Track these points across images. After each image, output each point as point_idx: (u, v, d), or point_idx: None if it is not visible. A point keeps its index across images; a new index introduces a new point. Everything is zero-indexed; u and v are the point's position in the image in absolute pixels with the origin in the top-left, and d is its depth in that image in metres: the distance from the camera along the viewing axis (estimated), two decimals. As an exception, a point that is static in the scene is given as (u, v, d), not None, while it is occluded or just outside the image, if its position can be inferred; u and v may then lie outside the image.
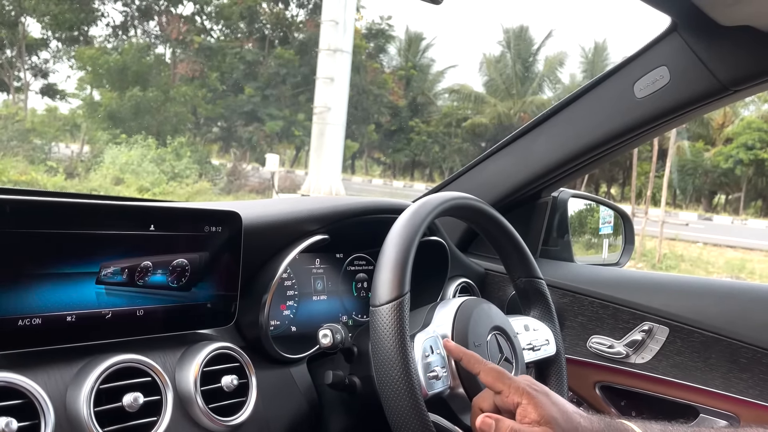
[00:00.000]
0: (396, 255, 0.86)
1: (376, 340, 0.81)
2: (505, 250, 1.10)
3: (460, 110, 29.46)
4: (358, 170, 34.27)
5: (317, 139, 12.80)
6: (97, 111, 18.68)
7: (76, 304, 0.76)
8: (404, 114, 27.75)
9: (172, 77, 20.31)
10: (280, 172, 18.32)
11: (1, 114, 14.66)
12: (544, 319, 1.14)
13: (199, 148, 18.25)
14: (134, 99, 17.92)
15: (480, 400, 0.85)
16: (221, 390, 0.87)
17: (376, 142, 27.53)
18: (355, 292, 1.30)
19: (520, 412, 0.77)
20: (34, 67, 21.94)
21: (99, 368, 0.75)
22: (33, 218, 0.72)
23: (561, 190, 1.53)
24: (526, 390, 0.78)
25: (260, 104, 20.90)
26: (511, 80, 29.72)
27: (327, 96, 12.42)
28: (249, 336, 1.02)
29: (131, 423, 0.77)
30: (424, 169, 33.35)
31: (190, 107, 20.13)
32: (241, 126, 21.78)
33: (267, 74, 21.21)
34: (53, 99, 22.45)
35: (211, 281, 0.90)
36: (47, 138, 15.63)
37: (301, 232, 1.08)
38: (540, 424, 0.75)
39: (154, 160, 13.49)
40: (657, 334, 1.26)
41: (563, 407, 0.78)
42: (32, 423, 0.69)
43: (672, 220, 13.71)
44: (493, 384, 0.81)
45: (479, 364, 0.84)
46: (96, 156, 14.76)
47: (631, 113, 1.21)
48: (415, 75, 29.40)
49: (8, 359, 0.72)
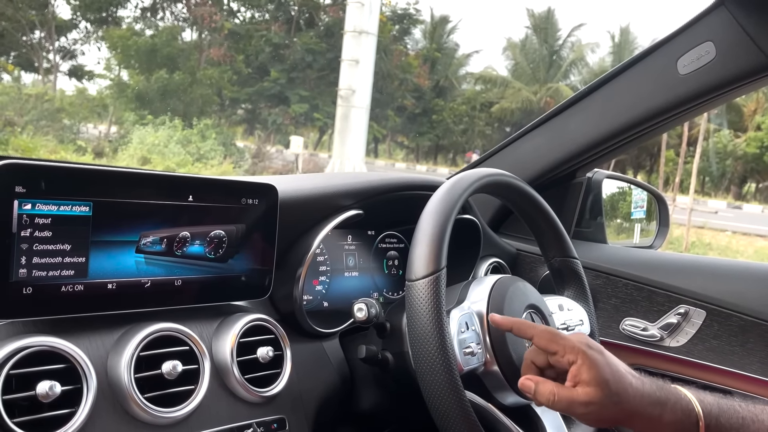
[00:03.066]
0: (433, 229, 0.85)
1: (412, 315, 0.81)
2: (540, 228, 1.09)
3: (484, 94, 29.17)
4: (382, 154, 34.22)
5: (341, 121, 12.80)
6: (125, 92, 18.87)
7: (116, 272, 0.77)
8: (428, 97, 27.57)
9: (199, 60, 20.40)
10: (303, 154, 18.39)
11: (31, 93, 14.86)
12: (579, 299, 1.12)
13: (224, 130, 18.35)
14: (161, 81, 18.07)
15: (532, 355, 0.84)
16: (257, 361, 0.88)
17: (399, 125, 27.40)
18: (386, 269, 1.29)
19: (572, 371, 0.76)
20: (63, 48, 22.21)
21: (139, 335, 0.76)
22: (77, 186, 0.72)
23: (595, 170, 1.51)
24: (581, 349, 0.77)
25: (286, 86, 20.93)
26: (537, 65, 29.33)
27: (352, 78, 12.39)
28: (283, 309, 1.02)
29: (170, 390, 0.77)
30: (447, 153, 33.20)
31: (215, 89, 20.23)
32: (266, 108, 21.86)
33: (293, 57, 21.21)
34: (80, 80, 22.72)
35: (248, 253, 0.90)
36: (76, 118, 15.84)
37: (336, 207, 1.07)
38: (589, 386, 0.74)
39: (180, 141, 13.60)
40: (693, 317, 1.23)
41: (616, 367, 0.76)
42: (75, 387, 0.70)
43: (700, 208, 13.48)
44: (547, 346, 0.80)
45: (531, 329, 0.83)
46: (123, 136, 14.94)
47: (674, 90, 1.18)
48: (440, 58, 29.15)
49: (51, 325, 0.73)
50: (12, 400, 0.65)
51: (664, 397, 0.76)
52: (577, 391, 0.75)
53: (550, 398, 0.76)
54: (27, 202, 0.68)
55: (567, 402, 0.75)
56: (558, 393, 0.76)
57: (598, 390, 0.74)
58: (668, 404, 0.75)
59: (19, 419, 0.65)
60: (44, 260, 0.70)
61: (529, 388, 0.79)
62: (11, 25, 19.26)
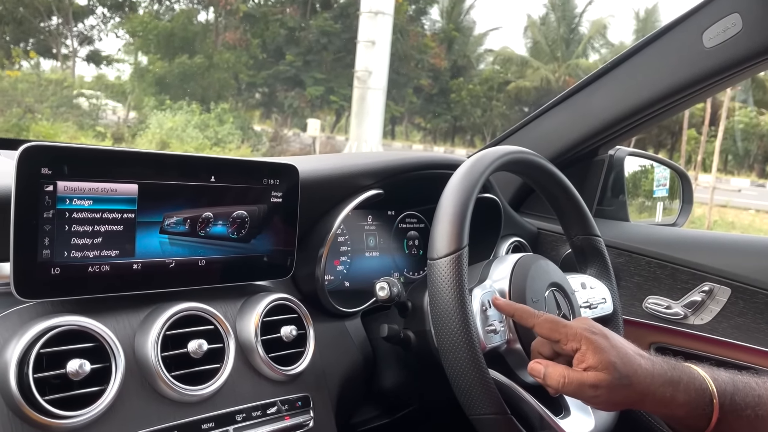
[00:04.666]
0: (454, 207, 0.84)
1: (434, 293, 0.81)
2: (562, 206, 1.08)
3: (502, 73, 28.83)
4: (398, 136, 34.07)
5: (358, 103, 12.75)
6: (144, 77, 18.96)
7: (141, 252, 0.77)
8: (445, 78, 27.31)
9: (215, 44, 20.41)
10: (320, 137, 18.39)
11: (50, 80, 15.00)
12: (601, 277, 1.12)
13: (241, 114, 18.42)
14: (182, 66, 18.12)
15: (538, 345, 0.84)
16: (280, 340, 0.88)
17: (416, 106, 27.21)
18: (406, 249, 1.29)
19: (578, 357, 0.75)
20: (81, 34, 22.32)
21: (165, 315, 0.77)
22: (101, 168, 0.73)
23: (617, 148, 1.49)
24: (584, 335, 0.76)
25: (302, 69, 20.87)
26: (556, 43, 28.89)
27: (368, 60, 12.32)
28: (305, 289, 1.03)
29: (196, 369, 0.78)
30: (464, 135, 32.95)
31: (231, 74, 20.25)
32: (282, 92, 21.84)
33: (308, 40, 21.12)
34: (98, 65, 22.83)
35: (270, 234, 0.91)
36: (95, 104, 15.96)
37: (356, 186, 1.07)
38: (597, 370, 0.73)
39: (198, 125, 13.67)
40: (718, 294, 1.22)
41: (623, 350, 0.75)
42: (104, 366, 0.71)
43: (723, 186, 13.27)
44: (549, 335, 0.79)
45: (532, 318, 0.82)
46: (142, 122, 15.04)
47: (699, 64, 1.15)
48: (457, 37, 28.82)
49: (80, 305, 0.74)
50: (43, 378, 0.66)
51: (676, 377, 0.74)
52: (587, 374, 0.74)
53: (560, 380, 0.75)
54: (52, 184, 0.69)
55: (577, 385, 0.74)
56: (568, 376, 0.75)
57: (606, 373, 0.73)
58: (681, 384, 0.74)
59: (50, 397, 0.66)
60: (70, 241, 0.71)
61: (538, 372, 0.78)
62: (29, 12, 19.39)
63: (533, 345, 0.86)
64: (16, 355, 0.65)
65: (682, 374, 0.75)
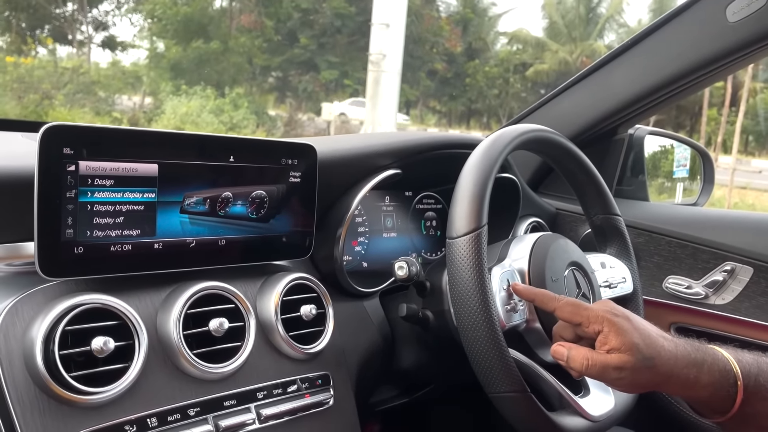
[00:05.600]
0: (474, 186, 0.84)
1: (454, 272, 0.81)
2: (582, 185, 1.07)
3: (518, 55, 28.49)
4: (413, 119, 33.91)
5: (372, 87, 12.68)
6: (160, 62, 19.00)
7: (162, 231, 0.78)
8: (460, 61, 27.06)
9: (230, 28, 20.38)
10: (335, 121, 18.37)
11: (66, 67, 15.08)
12: (621, 256, 1.11)
13: (255, 98, 18.40)
14: (198, 51, 18.13)
15: (560, 329, 0.83)
16: (300, 319, 0.89)
17: (431, 90, 27.02)
18: (424, 230, 1.29)
19: (600, 340, 0.75)
20: (95, 20, 22.38)
21: (186, 293, 0.77)
22: (122, 148, 0.73)
23: (637, 127, 1.47)
24: (606, 317, 0.75)
25: (316, 52, 20.80)
26: (573, 23, 28.45)
27: (382, 42, 12.22)
28: (324, 269, 1.03)
29: (218, 347, 0.79)
30: (480, 118, 32.69)
31: (246, 58, 20.23)
32: (296, 76, 21.79)
33: (322, 22, 21.02)
34: (113, 51, 22.90)
35: (289, 213, 0.91)
36: (111, 90, 16.05)
37: (374, 166, 1.07)
38: (620, 351, 0.73)
39: (212, 110, 13.70)
40: (740, 274, 1.21)
41: (645, 331, 0.75)
42: (127, 343, 0.72)
43: (743, 168, 13.08)
44: (570, 318, 0.79)
45: (553, 301, 0.82)
46: (157, 107, 15.10)
47: (722, 39, 1.13)
48: (472, 19, 28.50)
49: (102, 283, 0.75)
50: (68, 355, 0.67)
51: (700, 358, 0.74)
52: (611, 356, 0.73)
53: (584, 363, 0.74)
54: (74, 164, 0.69)
55: (601, 367, 0.73)
56: (592, 358, 0.74)
57: (629, 355, 0.72)
58: (705, 365, 0.73)
59: (75, 373, 0.67)
60: (92, 221, 0.72)
61: (561, 355, 0.77)
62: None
63: (554, 329, 0.85)
64: (42, 332, 0.66)
65: (705, 355, 0.75)
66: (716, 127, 14.95)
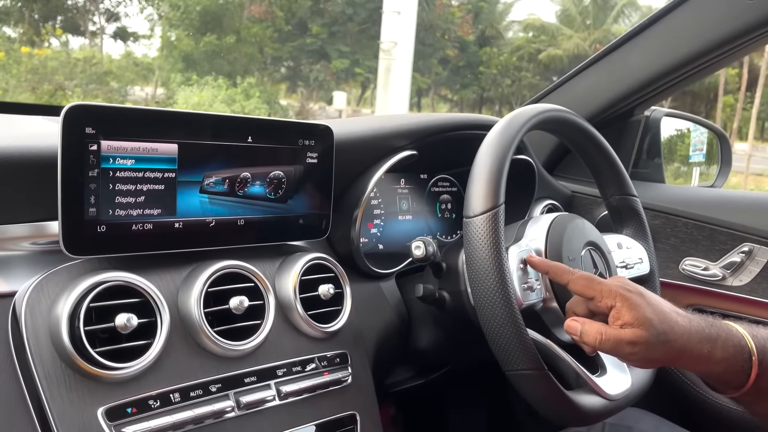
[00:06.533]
0: (490, 165, 0.84)
1: (471, 251, 0.81)
2: (599, 166, 1.07)
3: (532, 43, 28.22)
4: (425, 108, 33.75)
5: (384, 75, 12.66)
6: (172, 53, 19.02)
7: (182, 211, 0.79)
8: (472, 49, 26.86)
9: (241, 17, 20.35)
10: (346, 110, 18.34)
11: (79, 58, 15.15)
12: (638, 237, 1.10)
13: (267, 88, 18.40)
14: (210, 45, 18.14)
15: (573, 305, 0.83)
16: (318, 298, 0.90)
17: (443, 78, 26.86)
18: (439, 213, 1.30)
19: (613, 315, 0.75)
20: (107, 11, 22.44)
21: (207, 272, 0.78)
22: (143, 128, 0.74)
23: (653, 108, 1.46)
24: (619, 292, 0.75)
25: (327, 41, 20.73)
26: (587, 9, 28.12)
27: (394, 30, 12.18)
28: (340, 251, 1.04)
29: (238, 324, 0.80)
30: (492, 106, 32.52)
31: (257, 47, 20.21)
32: (307, 65, 21.76)
33: (333, 10, 20.94)
34: (125, 41, 22.97)
35: (306, 194, 0.92)
36: (124, 81, 16.13)
37: (390, 148, 1.07)
38: (633, 326, 0.73)
39: (224, 100, 13.73)
40: (758, 255, 1.20)
41: (658, 306, 0.75)
42: (149, 321, 0.73)
43: (760, 155, 12.92)
44: (583, 291, 0.79)
45: (567, 274, 0.82)
46: (170, 97, 15.16)
47: (741, 18, 1.11)
48: (484, 7, 28.26)
49: (124, 262, 0.76)
50: (93, 331, 0.69)
51: (714, 334, 0.74)
52: (624, 331, 0.73)
53: (597, 337, 0.74)
54: (96, 143, 0.70)
55: (614, 341, 0.74)
56: (605, 332, 0.74)
57: (642, 330, 0.72)
58: (719, 341, 0.73)
59: (100, 349, 0.69)
60: (115, 199, 0.73)
61: (575, 330, 0.78)
62: (56, -11, 19.55)
63: (568, 305, 0.86)
64: (68, 309, 0.68)
65: (720, 331, 0.75)
66: (732, 114, 14.76)
